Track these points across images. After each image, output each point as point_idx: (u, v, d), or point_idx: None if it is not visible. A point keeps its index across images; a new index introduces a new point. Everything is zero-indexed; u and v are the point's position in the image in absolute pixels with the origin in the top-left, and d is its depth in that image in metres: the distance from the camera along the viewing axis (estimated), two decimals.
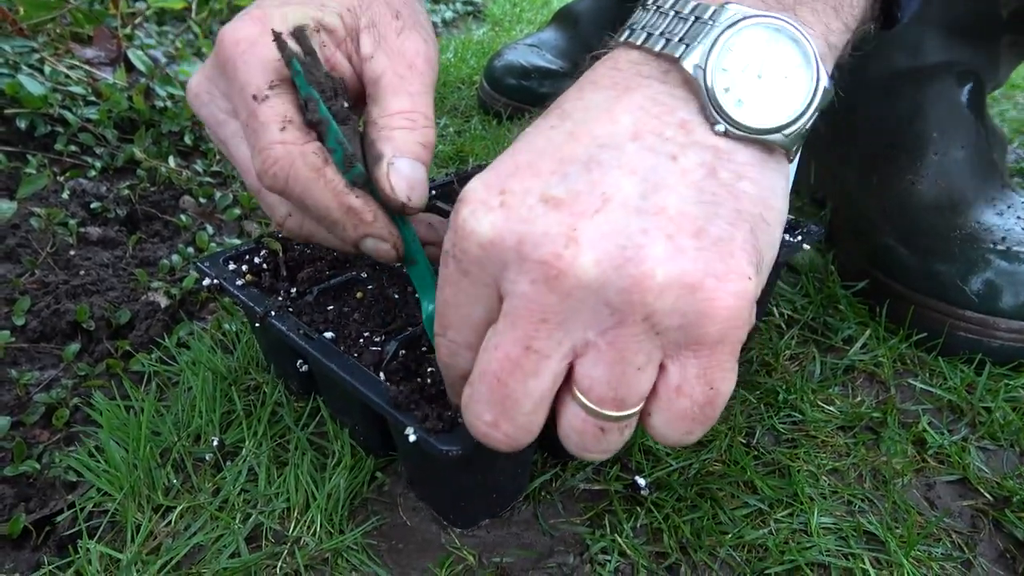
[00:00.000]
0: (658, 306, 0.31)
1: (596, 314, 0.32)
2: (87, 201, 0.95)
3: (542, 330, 0.33)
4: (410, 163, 0.42)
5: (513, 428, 0.35)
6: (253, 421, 0.56)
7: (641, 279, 0.31)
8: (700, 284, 0.31)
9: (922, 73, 0.79)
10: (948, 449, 0.56)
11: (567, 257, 0.31)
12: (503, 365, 0.34)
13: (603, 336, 0.33)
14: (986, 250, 0.64)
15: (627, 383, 0.33)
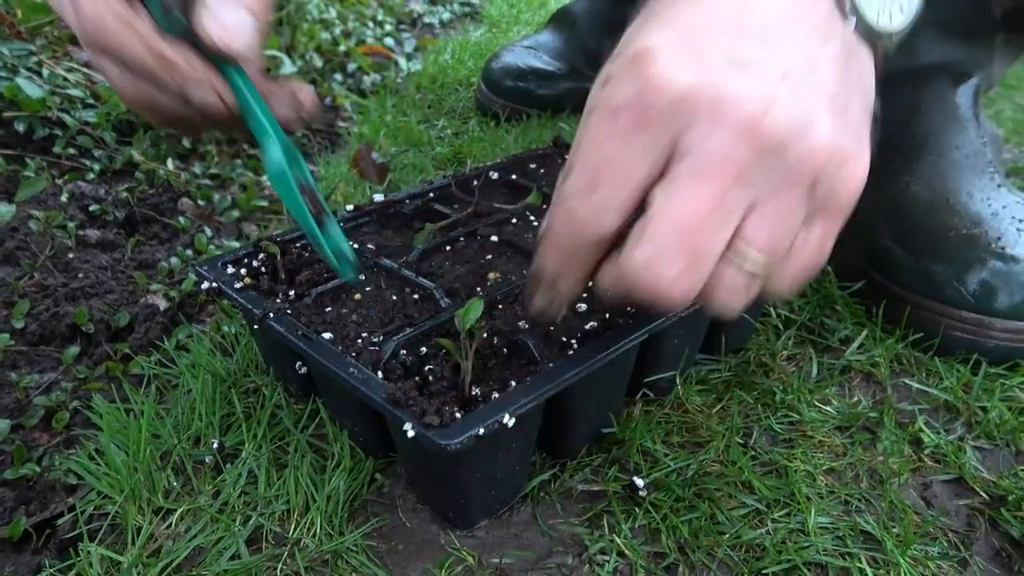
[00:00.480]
0: (823, 172, 0.36)
1: (775, 173, 0.36)
2: (86, 204, 0.95)
3: (735, 185, 0.35)
4: (231, 8, 0.42)
5: (698, 279, 0.37)
6: (253, 423, 0.56)
7: (817, 147, 0.35)
8: (849, 158, 0.36)
9: (917, 74, 0.79)
10: (944, 448, 0.57)
11: (768, 119, 0.34)
12: (695, 218, 0.35)
13: (775, 194, 0.36)
14: (981, 250, 0.65)
15: (785, 236, 0.37)
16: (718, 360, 0.64)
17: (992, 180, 0.72)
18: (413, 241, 0.61)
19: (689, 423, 0.58)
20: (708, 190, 0.35)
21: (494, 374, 0.49)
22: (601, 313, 0.53)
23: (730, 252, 0.37)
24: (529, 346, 0.49)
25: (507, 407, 0.43)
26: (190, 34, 0.43)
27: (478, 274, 0.59)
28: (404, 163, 0.99)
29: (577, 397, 0.50)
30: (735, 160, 0.35)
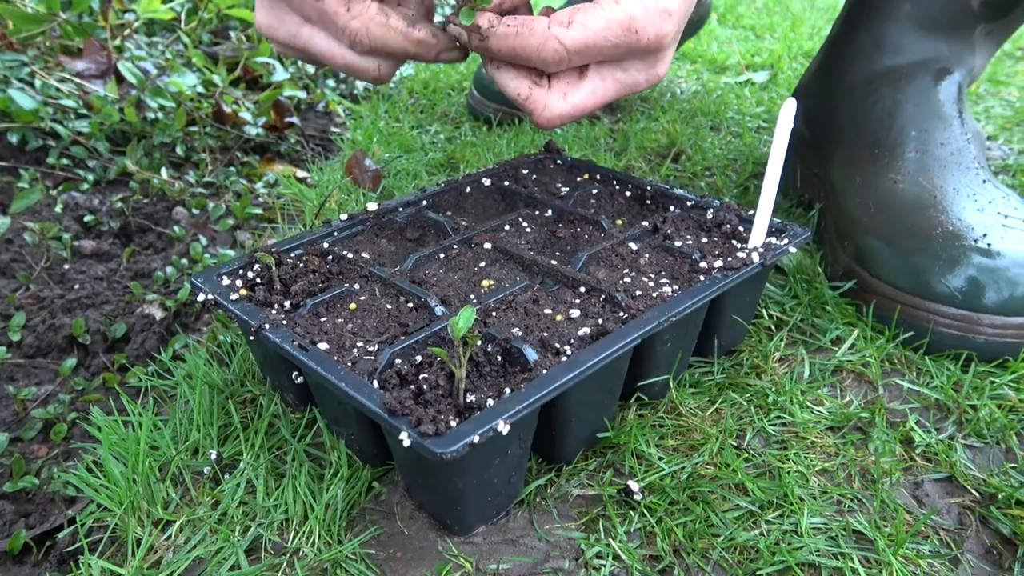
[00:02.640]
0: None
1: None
2: (80, 214, 0.95)
3: (625, 95, 0.58)
4: None
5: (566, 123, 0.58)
6: (250, 433, 0.57)
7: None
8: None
9: (900, 72, 0.80)
10: (935, 447, 0.57)
11: (660, 79, 0.56)
12: (600, 103, 0.56)
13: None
14: (967, 247, 0.65)
15: None
16: (711, 362, 0.64)
17: (977, 176, 0.73)
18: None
19: (683, 426, 0.58)
20: (617, 95, 0.56)
21: (489, 381, 0.49)
22: (595, 319, 0.54)
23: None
24: (523, 353, 0.49)
25: (501, 414, 0.43)
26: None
27: (472, 281, 0.59)
28: (398, 169, 1.00)
29: (571, 402, 0.51)
30: (638, 89, 0.57)
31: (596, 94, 0.54)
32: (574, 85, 0.54)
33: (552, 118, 0.54)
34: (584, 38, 0.50)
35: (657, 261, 0.62)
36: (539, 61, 0.52)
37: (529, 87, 0.54)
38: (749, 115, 1.22)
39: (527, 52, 0.51)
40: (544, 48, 0.51)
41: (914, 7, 0.79)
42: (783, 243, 0.62)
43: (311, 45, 0.55)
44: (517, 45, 0.51)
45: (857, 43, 0.84)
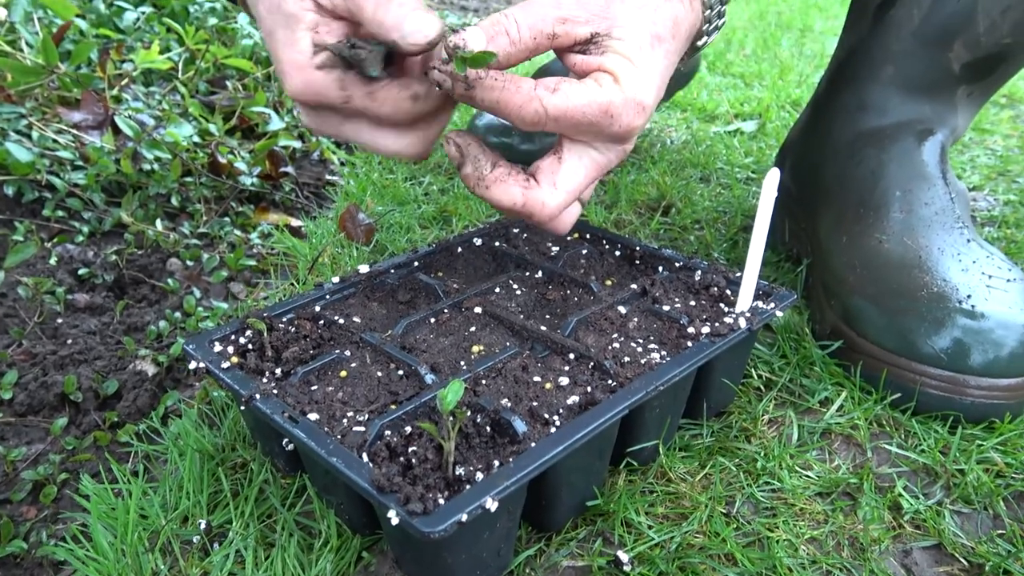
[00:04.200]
0: None
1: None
2: (75, 267, 0.96)
3: (602, 175, 0.58)
4: (410, 10, 0.50)
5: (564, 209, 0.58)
6: (240, 501, 0.57)
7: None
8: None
9: (884, 133, 0.81)
10: (924, 514, 0.58)
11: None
12: (585, 184, 0.57)
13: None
14: (952, 308, 0.66)
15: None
16: (701, 424, 0.65)
17: (962, 235, 0.74)
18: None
19: (672, 492, 0.59)
20: (597, 174, 0.57)
21: (478, 453, 0.49)
22: (584, 387, 0.54)
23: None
24: (512, 424, 0.49)
25: (489, 491, 0.44)
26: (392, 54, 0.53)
27: (462, 347, 0.60)
28: (391, 223, 1.01)
29: (561, 473, 0.51)
30: (613, 166, 0.58)
31: (579, 173, 0.55)
32: (556, 170, 0.55)
33: (554, 211, 0.55)
34: (565, 107, 0.52)
35: (646, 325, 0.62)
36: (517, 117, 0.53)
37: (522, 192, 0.55)
38: (738, 166, 1.24)
39: (509, 107, 0.53)
40: (526, 106, 0.52)
41: (896, 70, 0.81)
42: (770, 307, 0.63)
43: (358, 138, 0.57)
44: (501, 99, 0.52)
45: (842, 103, 0.86)
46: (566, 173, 0.55)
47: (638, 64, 0.53)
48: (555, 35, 0.54)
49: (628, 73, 0.52)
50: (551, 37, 0.54)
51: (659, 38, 0.54)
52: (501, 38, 0.53)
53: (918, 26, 0.78)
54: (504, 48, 0.53)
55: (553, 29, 0.54)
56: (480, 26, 0.53)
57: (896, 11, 0.80)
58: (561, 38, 0.54)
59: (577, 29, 0.54)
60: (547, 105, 0.52)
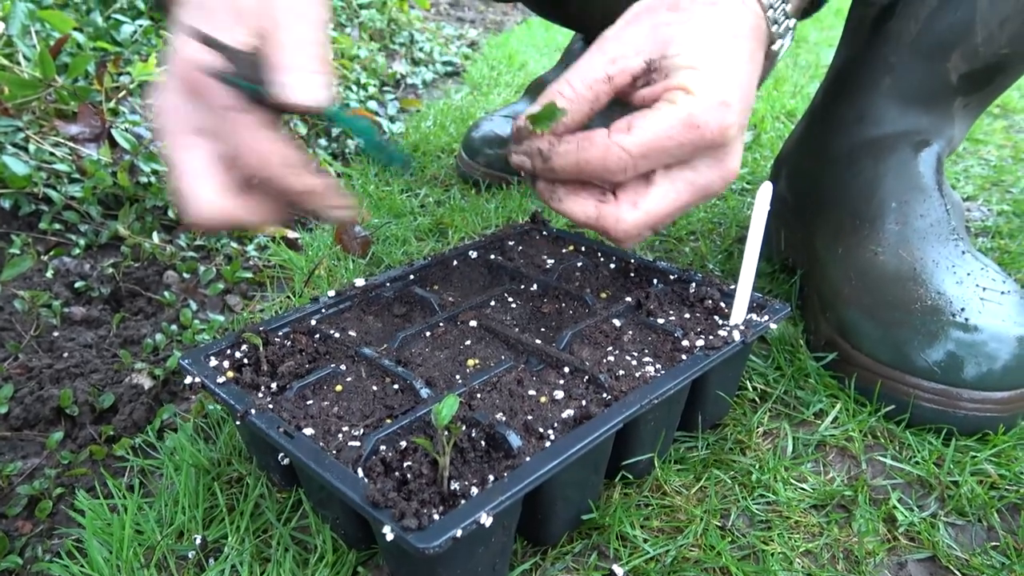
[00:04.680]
0: None
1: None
2: (71, 280, 0.96)
3: (702, 199, 0.57)
4: (305, 76, 0.47)
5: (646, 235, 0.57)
6: (236, 516, 0.57)
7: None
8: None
9: (880, 144, 0.82)
10: (918, 526, 0.58)
11: (734, 175, 0.56)
12: (678, 212, 0.56)
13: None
14: (946, 322, 0.66)
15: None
16: (696, 437, 0.65)
17: (956, 247, 0.74)
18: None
19: (668, 505, 0.59)
20: (692, 200, 0.55)
21: (473, 467, 0.49)
22: (578, 401, 0.55)
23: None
24: (506, 439, 0.50)
25: (484, 506, 0.44)
26: (275, 105, 0.48)
27: (457, 361, 0.60)
28: (387, 235, 1.01)
29: (556, 487, 0.51)
30: (713, 193, 0.56)
31: (669, 198, 0.54)
32: (642, 192, 0.54)
33: (628, 229, 0.54)
34: (646, 141, 0.51)
35: (640, 338, 0.62)
36: (604, 171, 0.52)
37: (595, 206, 0.54)
38: None
39: (592, 165, 0.52)
40: (608, 157, 0.51)
41: (894, 81, 0.81)
42: (764, 320, 0.63)
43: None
44: (581, 159, 0.52)
45: (839, 114, 0.86)
46: (653, 197, 0.54)
47: (704, 67, 0.52)
48: (610, 78, 0.54)
49: (697, 79, 0.52)
50: (607, 80, 0.54)
51: (717, 39, 0.54)
52: (559, 100, 0.54)
53: (916, 37, 0.79)
54: (563, 107, 0.54)
55: (605, 72, 0.54)
56: (537, 101, 0.55)
57: (894, 22, 0.80)
58: (617, 78, 0.54)
59: (629, 63, 0.54)
60: (628, 146, 0.51)
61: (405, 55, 2.00)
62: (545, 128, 0.54)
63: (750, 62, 0.55)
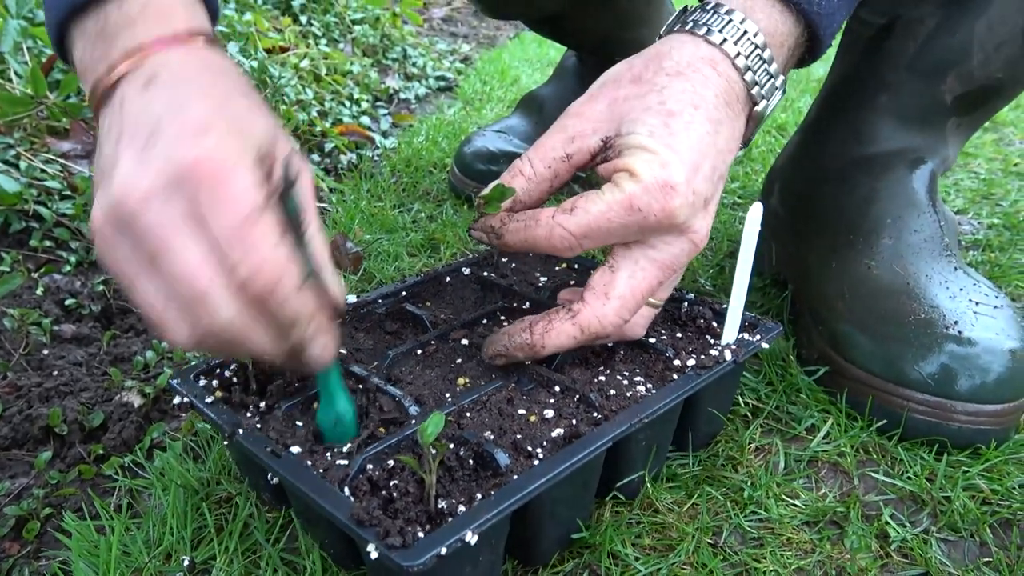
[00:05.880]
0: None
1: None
2: (61, 298, 0.95)
3: (670, 272, 0.56)
4: (334, 276, 0.48)
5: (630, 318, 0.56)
6: (224, 536, 0.56)
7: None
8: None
9: (875, 161, 0.82)
10: (911, 542, 0.58)
11: (703, 242, 0.55)
12: (648, 290, 0.55)
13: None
14: (940, 335, 0.66)
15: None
16: (687, 455, 0.65)
17: (949, 263, 0.74)
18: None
19: (659, 523, 0.58)
20: (659, 275, 0.55)
21: (461, 486, 0.49)
22: (568, 420, 0.54)
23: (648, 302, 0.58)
24: (494, 457, 0.49)
25: (469, 524, 0.44)
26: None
27: (447, 379, 0.60)
28: (379, 250, 1.01)
29: (545, 505, 0.51)
30: (679, 261, 0.55)
31: (637, 278, 0.54)
32: (610, 282, 0.54)
33: (614, 321, 0.55)
34: (587, 222, 0.52)
35: (631, 358, 0.62)
36: (550, 248, 0.54)
37: (572, 324, 0.55)
38: (724, 192, 1.24)
39: (538, 241, 0.54)
40: (552, 236, 0.53)
41: (890, 100, 0.82)
42: (756, 339, 0.63)
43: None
44: (528, 237, 0.54)
45: (833, 130, 0.87)
46: (621, 282, 0.54)
47: (653, 148, 0.52)
48: (569, 156, 0.55)
49: (643, 161, 0.51)
50: (566, 159, 0.55)
51: (673, 113, 0.52)
52: (518, 179, 0.56)
53: (913, 58, 0.79)
54: (522, 185, 0.56)
55: (564, 151, 0.55)
56: (502, 175, 0.57)
57: (892, 42, 0.80)
58: (576, 156, 0.55)
59: (587, 142, 0.55)
60: (569, 227, 0.52)
61: (398, 70, 2.01)
62: (495, 209, 0.56)
63: (714, 133, 0.53)
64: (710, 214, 0.55)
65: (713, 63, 0.54)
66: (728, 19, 0.54)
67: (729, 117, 0.55)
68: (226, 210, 0.41)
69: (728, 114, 0.54)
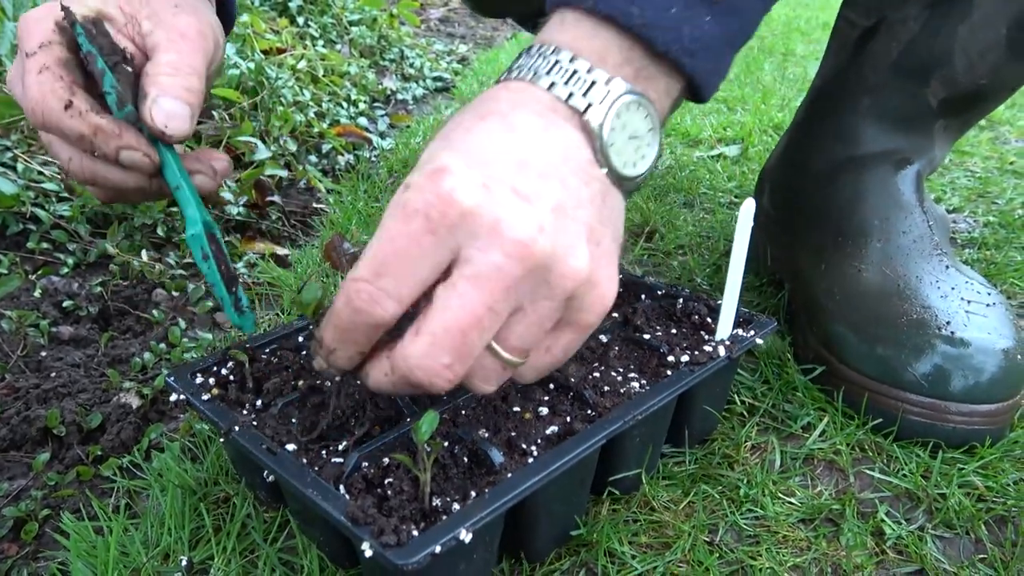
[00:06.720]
0: (576, 292, 0.43)
1: (538, 289, 0.42)
2: (59, 299, 0.95)
3: (505, 295, 0.41)
4: (171, 100, 0.53)
5: (463, 369, 0.43)
6: (222, 536, 0.56)
7: (574, 271, 0.42)
8: (600, 283, 0.44)
9: (861, 162, 0.82)
10: (906, 539, 0.58)
11: (538, 244, 0.41)
12: (470, 320, 0.41)
13: (534, 305, 0.43)
14: (932, 335, 0.66)
15: (535, 341, 0.45)
16: (683, 452, 0.65)
17: (940, 262, 0.74)
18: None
19: (656, 521, 0.59)
20: (480, 297, 0.41)
21: (455, 484, 0.49)
22: (563, 417, 0.55)
23: (490, 347, 0.44)
24: (488, 455, 0.50)
25: (464, 522, 0.44)
26: (138, 120, 0.53)
27: None
28: None
29: (540, 503, 0.51)
30: (508, 274, 0.41)
31: (452, 307, 0.41)
32: (424, 314, 0.42)
33: (416, 365, 0.42)
34: (371, 255, 0.43)
35: (626, 354, 0.63)
36: (355, 314, 0.43)
37: (386, 359, 0.45)
38: (721, 191, 1.25)
39: (341, 313, 0.44)
40: (349, 296, 0.43)
41: (874, 102, 0.82)
42: (750, 335, 0.63)
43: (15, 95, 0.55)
44: (334, 318, 0.45)
45: (820, 131, 0.87)
46: (433, 313, 0.42)
47: (426, 158, 0.44)
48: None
49: (414, 170, 0.43)
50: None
51: (452, 132, 0.45)
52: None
53: (896, 60, 0.79)
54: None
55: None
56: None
57: (875, 44, 0.80)
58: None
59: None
60: (360, 274, 0.42)
61: (395, 71, 2.01)
62: (307, 310, 0.53)
63: (509, 131, 0.44)
64: (542, 211, 0.42)
65: (505, 87, 0.47)
66: (524, 54, 0.48)
67: (539, 123, 0.44)
68: (20, 58, 0.54)
69: (537, 121, 0.44)
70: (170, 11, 0.56)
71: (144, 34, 0.56)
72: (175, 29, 0.55)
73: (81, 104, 0.52)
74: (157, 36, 0.55)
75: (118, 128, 0.52)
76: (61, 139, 0.54)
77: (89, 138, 0.52)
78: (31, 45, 0.53)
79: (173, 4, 0.57)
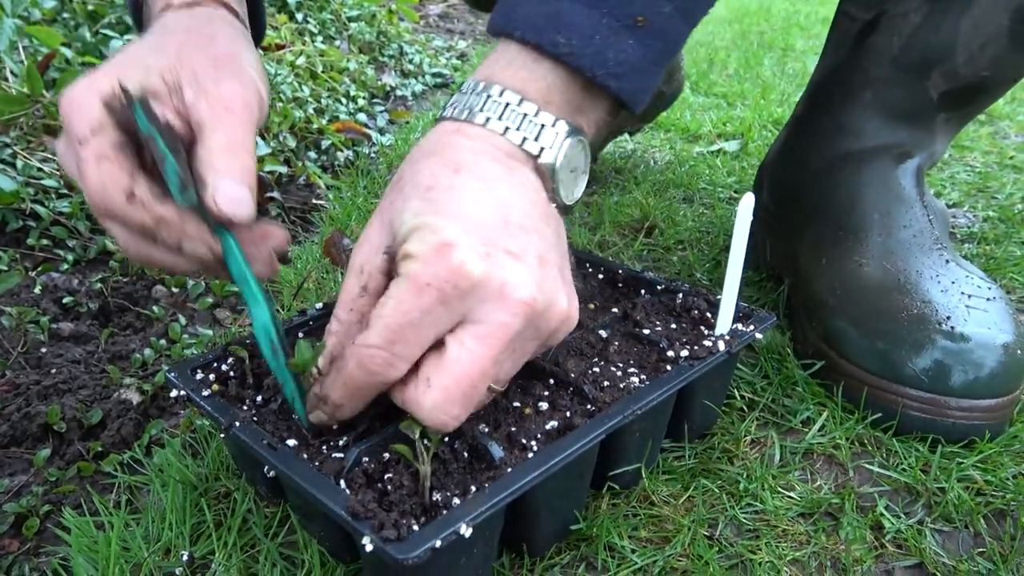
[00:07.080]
0: (558, 328, 0.49)
1: (533, 334, 0.48)
2: (59, 296, 0.96)
3: (508, 347, 0.46)
4: (232, 185, 0.50)
5: (468, 414, 0.47)
6: (223, 531, 0.57)
7: (559, 313, 0.48)
8: (573, 313, 0.50)
9: (861, 157, 0.82)
10: (905, 533, 0.58)
11: (538, 300, 0.46)
12: (479, 374, 0.46)
13: (522, 345, 0.48)
14: (932, 330, 0.67)
15: (518, 368, 0.50)
16: (683, 447, 0.65)
17: (941, 257, 0.74)
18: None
19: (655, 515, 0.59)
20: (489, 353, 0.46)
21: (456, 478, 0.49)
22: (563, 412, 0.55)
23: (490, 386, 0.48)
24: (488, 449, 0.50)
25: (464, 517, 0.44)
26: (200, 206, 0.50)
27: None
28: None
29: (540, 497, 0.51)
30: (510, 330, 0.46)
31: (463, 362, 0.46)
32: (437, 366, 0.46)
33: (426, 416, 0.46)
34: (385, 325, 0.46)
35: (626, 349, 0.63)
36: (371, 378, 0.47)
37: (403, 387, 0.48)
38: (721, 186, 1.25)
39: (354, 377, 0.48)
40: (361, 360, 0.47)
41: (875, 95, 0.82)
42: (750, 329, 0.63)
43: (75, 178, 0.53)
44: (344, 378, 0.48)
45: (820, 125, 0.87)
46: (445, 367, 0.46)
47: (422, 224, 0.46)
48: (364, 288, 0.50)
49: (416, 239, 0.46)
50: (363, 293, 0.50)
51: (432, 187, 0.48)
52: (327, 338, 0.52)
53: (898, 54, 0.79)
54: (332, 341, 0.51)
55: (358, 287, 0.50)
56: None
57: (876, 37, 0.80)
58: (371, 283, 0.50)
59: (373, 264, 0.50)
60: (372, 342, 0.46)
61: (394, 67, 2.01)
62: (303, 369, 0.51)
63: (488, 188, 0.48)
64: (533, 266, 0.46)
65: (461, 133, 0.50)
66: (472, 92, 0.51)
67: (504, 172, 0.49)
68: (70, 145, 0.51)
69: (501, 169, 0.49)
70: (211, 74, 0.53)
71: (188, 105, 0.52)
72: (220, 101, 0.52)
73: (143, 194, 0.50)
74: (201, 110, 0.52)
75: (180, 218, 0.51)
76: (122, 227, 0.52)
77: (152, 229, 0.51)
78: (82, 130, 0.50)
79: (212, 64, 0.53)
